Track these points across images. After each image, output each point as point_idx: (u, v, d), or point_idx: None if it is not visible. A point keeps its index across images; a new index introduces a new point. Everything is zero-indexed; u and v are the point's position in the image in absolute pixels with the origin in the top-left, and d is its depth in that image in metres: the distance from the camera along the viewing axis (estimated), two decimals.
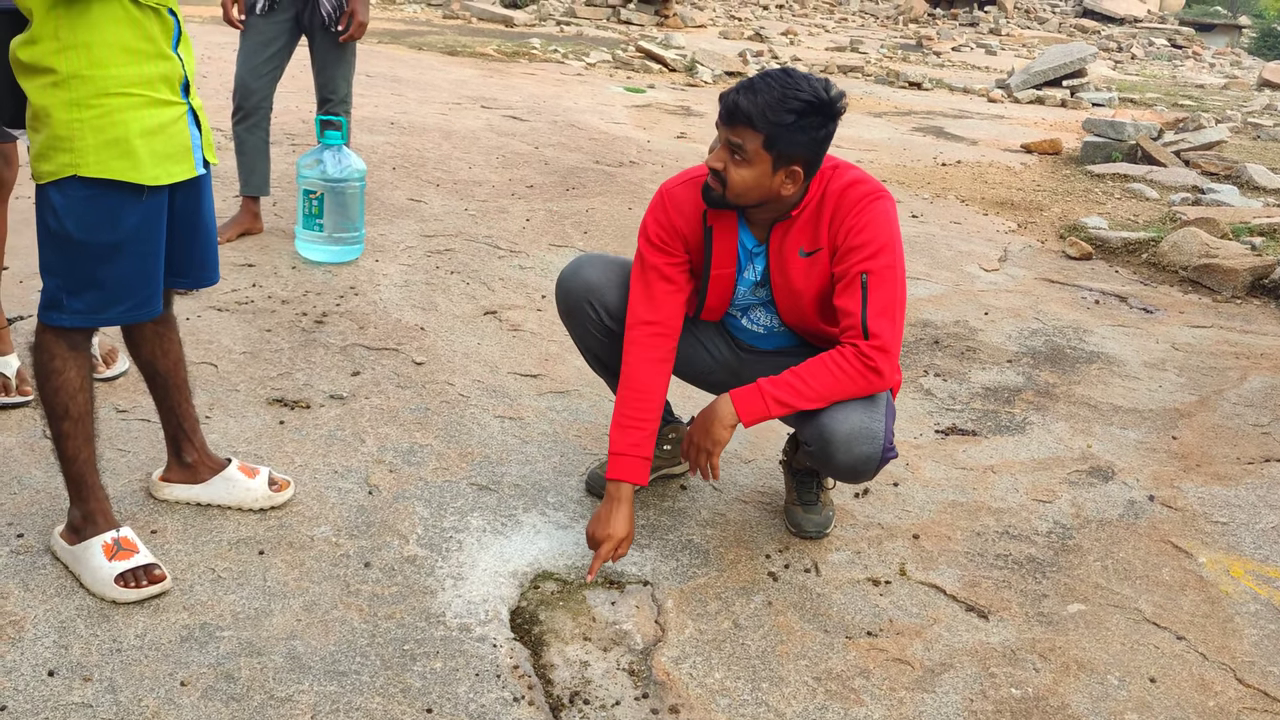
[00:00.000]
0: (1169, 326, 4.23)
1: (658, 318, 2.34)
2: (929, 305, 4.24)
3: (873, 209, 2.21)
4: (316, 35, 4.06)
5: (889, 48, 17.17)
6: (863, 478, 2.33)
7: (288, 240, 4.20)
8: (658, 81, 10.32)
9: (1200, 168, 7.41)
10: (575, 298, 2.45)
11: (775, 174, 2.16)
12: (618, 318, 2.45)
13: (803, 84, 2.12)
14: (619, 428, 2.30)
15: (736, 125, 2.13)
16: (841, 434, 2.21)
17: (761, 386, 2.20)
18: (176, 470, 2.40)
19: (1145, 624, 2.30)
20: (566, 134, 6.93)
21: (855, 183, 2.23)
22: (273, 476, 2.45)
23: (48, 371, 2.05)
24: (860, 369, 2.18)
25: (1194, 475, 2.98)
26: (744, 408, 2.21)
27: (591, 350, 2.54)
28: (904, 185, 6.50)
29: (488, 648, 2.05)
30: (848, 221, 2.21)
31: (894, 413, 2.34)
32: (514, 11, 15.23)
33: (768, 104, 2.09)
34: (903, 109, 10.16)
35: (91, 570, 2.07)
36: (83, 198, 1.93)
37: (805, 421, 2.28)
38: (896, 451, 2.33)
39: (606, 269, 2.47)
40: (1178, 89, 14.35)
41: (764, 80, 2.12)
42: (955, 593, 2.36)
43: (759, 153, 2.12)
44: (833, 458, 2.24)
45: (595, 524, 2.27)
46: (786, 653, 2.12)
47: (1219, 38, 30.11)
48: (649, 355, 2.32)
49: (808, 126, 2.11)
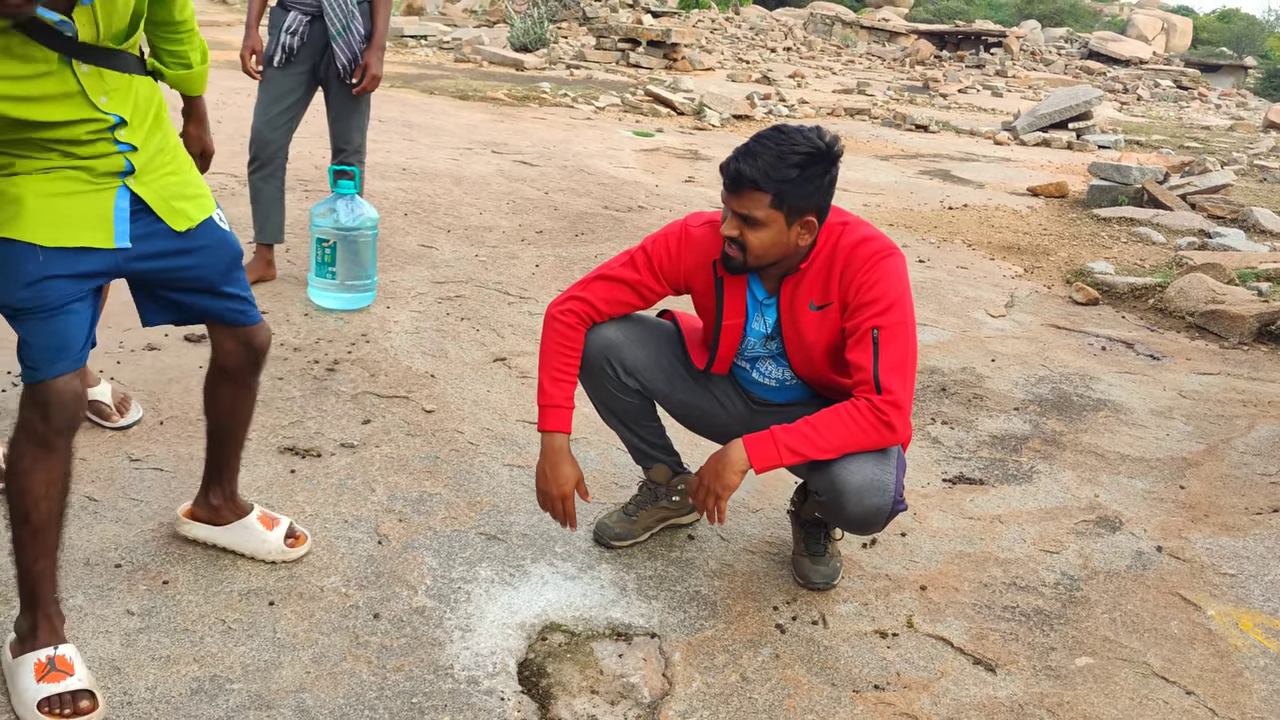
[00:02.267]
0: (1176, 374, 4.24)
1: (602, 312, 2.43)
2: (935, 352, 4.26)
3: (884, 266, 2.24)
4: (332, 86, 4.14)
5: (895, 90, 17.32)
6: (872, 529, 2.34)
7: (300, 287, 4.25)
8: (666, 125, 10.43)
9: (1206, 211, 7.45)
10: (593, 356, 2.47)
11: (790, 229, 2.20)
12: (635, 373, 2.48)
13: (797, 137, 2.16)
14: (553, 381, 2.37)
15: (742, 192, 2.16)
16: (853, 485, 2.22)
17: (775, 434, 2.21)
18: (202, 508, 2.43)
19: (1154, 678, 2.29)
20: (576, 179, 7.00)
21: (867, 239, 2.27)
22: (292, 529, 2.48)
23: (13, 471, 1.91)
24: (874, 422, 2.19)
25: (1202, 525, 2.98)
26: (756, 454, 2.21)
27: (608, 405, 2.56)
28: (910, 229, 6.54)
29: (495, 701, 2.05)
30: (859, 278, 2.24)
31: (904, 466, 2.36)
32: (524, 55, 15.42)
33: (769, 164, 2.13)
34: (909, 152, 10.24)
35: (19, 691, 1.90)
36: None
37: (816, 472, 2.29)
38: (906, 504, 2.34)
39: (624, 327, 2.49)
40: (1184, 131, 14.42)
41: (759, 143, 2.16)
42: (963, 645, 2.36)
43: (771, 213, 2.16)
44: (843, 509, 2.25)
45: (547, 480, 2.37)
46: (794, 707, 2.12)
47: (1225, 79, 30.29)
48: (578, 325, 2.41)
49: (811, 176, 2.15)
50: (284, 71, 4.05)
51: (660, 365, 2.51)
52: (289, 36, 4.01)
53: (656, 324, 2.57)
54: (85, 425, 2.95)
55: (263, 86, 4.10)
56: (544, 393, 2.38)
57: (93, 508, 2.56)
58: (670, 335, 2.55)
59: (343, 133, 4.21)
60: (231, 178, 6.02)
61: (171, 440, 2.94)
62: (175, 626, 2.16)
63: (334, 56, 4.05)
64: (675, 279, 2.39)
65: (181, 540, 2.46)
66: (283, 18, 4.04)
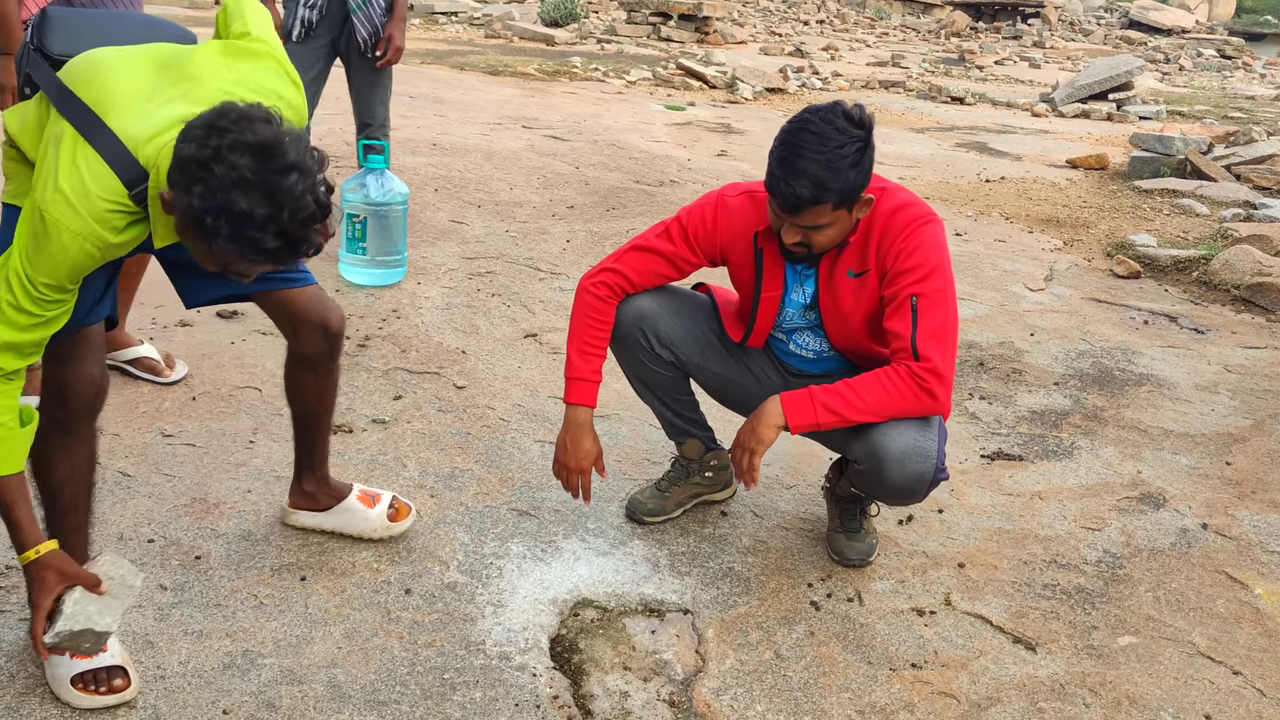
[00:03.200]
0: (1221, 347, 4.14)
1: (635, 284, 2.39)
2: (974, 326, 4.19)
3: (922, 232, 2.18)
4: (353, 60, 4.11)
5: (931, 62, 17.06)
6: (913, 498, 2.29)
7: (330, 263, 4.24)
8: (698, 99, 10.33)
9: (1252, 182, 7.26)
10: (627, 325, 2.43)
11: (853, 213, 2.15)
12: (669, 345, 2.45)
13: (836, 135, 2.04)
14: (581, 355, 2.35)
15: (803, 212, 2.08)
16: (895, 451, 2.18)
17: (813, 392, 2.18)
18: (299, 496, 2.43)
19: (1199, 658, 2.24)
20: (607, 153, 6.95)
21: (904, 205, 2.21)
22: (394, 502, 2.47)
23: (37, 455, 1.86)
24: (914, 388, 2.15)
25: (1249, 503, 2.91)
26: (793, 411, 2.18)
27: (640, 378, 2.53)
28: (947, 203, 6.44)
29: (527, 677, 2.04)
30: (896, 245, 2.18)
31: (945, 435, 2.31)
32: (555, 30, 15.33)
33: (822, 176, 2.02)
34: (945, 124, 10.08)
35: (52, 666, 1.89)
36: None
37: (857, 439, 2.25)
38: (948, 473, 2.29)
39: (658, 297, 2.45)
40: (1227, 101, 14.11)
41: (799, 153, 2.03)
42: (1002, 624, 2.31)
43: (835, 215, 2.10)
44: (884, 476, 2.21)
45: (566, 453, 2.35)
46: (829, 685, 2.09)
47: (1269, 48, 29.59)
48: (610, 298, 2.38)
49: (863, 163, 2.08)
50: (303, 46, 4.00)
51: (695, 337, 2.47)
52: (307, 10, 3.97)
53: (691, 296, 2.53)
54: (122, 396, 2.96)
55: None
56: (571, 365, 2.36)
57: (126, 483, 2.56)
58: (705, 308, 2.51)
59: (367, 107, 4.19)
60: None
61: (204, 416, 2.94)
62: (207, 601, 2.16)
63: (354, 30, 4.01)
64: (711, 250, 2.35)
65: (215, 515, 2.46)
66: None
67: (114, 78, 1.67)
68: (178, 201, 1.54)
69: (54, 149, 1.63)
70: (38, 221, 1.61)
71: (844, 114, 2.08)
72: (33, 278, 1.63)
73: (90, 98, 1.65)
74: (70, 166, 1.60)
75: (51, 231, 1.60)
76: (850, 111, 2.09)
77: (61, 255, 1.61)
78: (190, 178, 1.51)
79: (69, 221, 1.60)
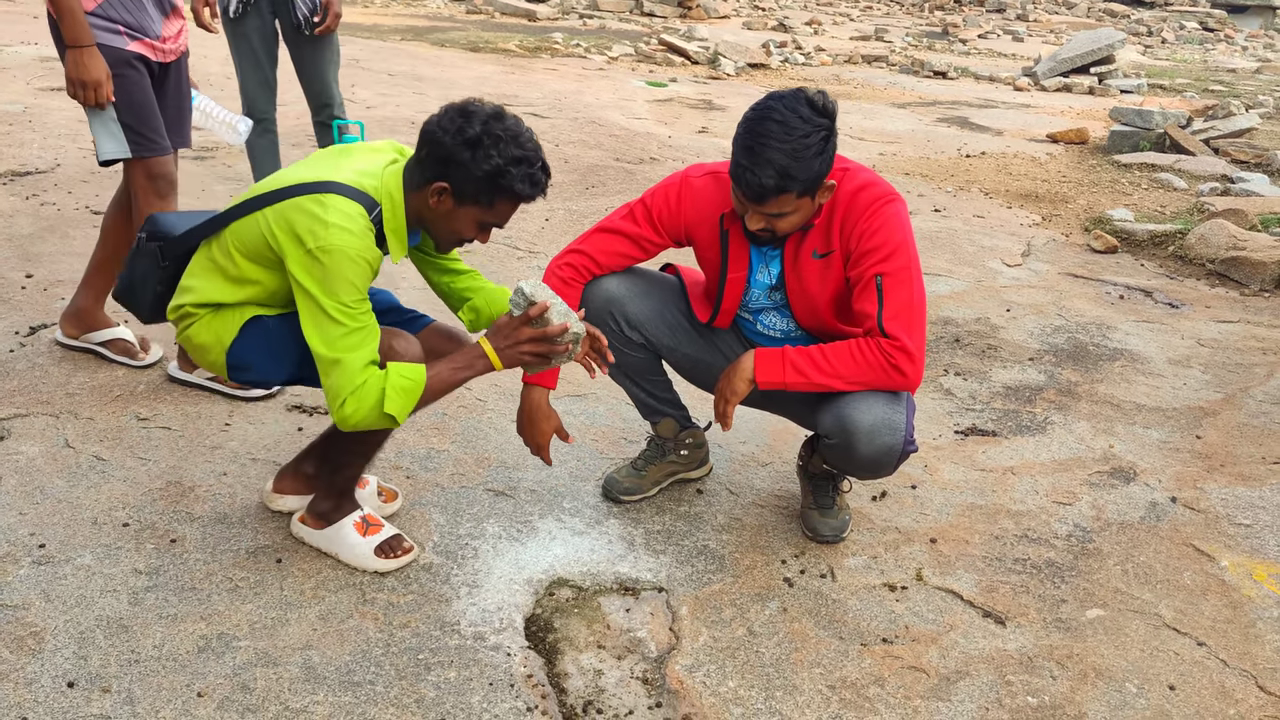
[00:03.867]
0: (1195, 322, 4.17)
1: (602, 265, 2.41)
2: (950, 302, 4.21)
3: (884, 212, 2.19)
4: (298, 41, 3.95)
5: (914, 36, 17.02)
6: (883, 471, 2.32)
7: None
8: (680, 75, 10.29)
9: (1230, 156, 7.29)
10: (596, 309, 2.45)
11: (815, 200, 2.16)
12: (638, 327, 2.46)
13: (800, 124, 2.05)
14: None
15: (768, 201, 2.09)
16: (865, 424, 2.21)
17: (786, 351, 2.24)
18: (289, 480, 2.44)
19: (1165, 630, 2.27)
20: (587, 131, 6.93)
21: (866, 185, 2.22)
22: (380, 486, 2.51)
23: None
24: (883, 362, 2.18)
25: (1217, 476, 2.94)
26: (764, 366, 2.25)
27: (614, 361, 2.54)
28: (927, 178, 6.45)
29: (502, 656, 2.06)
30: (860, 225, 2.20)
31: (914, 407, 2.34)
32: (537, 5, 15.22)
33: (787, 165, 2.04)
34: (927, 99, 10.08)
35: (350, 546, 2.28)
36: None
37: (827, 413, 2.28)
38: (916, 445, 2.32)
39: (626, 280, 2.46)
40: (1209, 74, 14.13)
41: (763, 141, 2.04)
42: (972, 598, 2.34)
43: (800, 202, 2.12)
44: (854, 449, 2.24)
45: (523, 431, 2.37)
46: (801, 660, 2.11)
47: (1252, 19, 29.62)
48: (575, 280, 2.40)
49: (827, 152, 2.09)
50: (244, 26, 3.89)
51: (664, 318, 2.48)
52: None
53: (660, 278, 2.53)
54: (96, 380, 2.95)
55: (234, 48, 3.96)
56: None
57: (100, 467, 2.56)
58: (674, 289, 2.52)
59: (323, 88, 4.05)
60: None
61: (179, 399, 2.94)
62: (182, 585, 2.17)
63: (294, 7, 3.89)
64: (675, 231, 2.36)
65: (190, 499, 2.47)
66: None
67: (299, 167, 2.12)
68: (470, 174, 1.97)
69: (293, 216, 1.99)
70: (317, 265, 1.97)
71: (808, 101, 2.08)
72: (343, 300, 1.98)
73: (299, 177, 2.06)
74: (325, 211, 1.98)
75: (337, 259, 1.96)
76: (814, 99, 2.09)
77: (351, 271, 1.98)
78: (478, 147, 1.96)
79: (349, 243, 1.97)
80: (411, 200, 2.08)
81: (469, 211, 2.05)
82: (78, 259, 3.78)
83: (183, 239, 2.19)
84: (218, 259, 2.13)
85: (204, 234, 2.16)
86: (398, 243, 2.10)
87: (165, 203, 2.91)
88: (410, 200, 2.08)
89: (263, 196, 2.07)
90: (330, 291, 1.97)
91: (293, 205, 2.01)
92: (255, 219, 2.07)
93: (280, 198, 2.04)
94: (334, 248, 1.96)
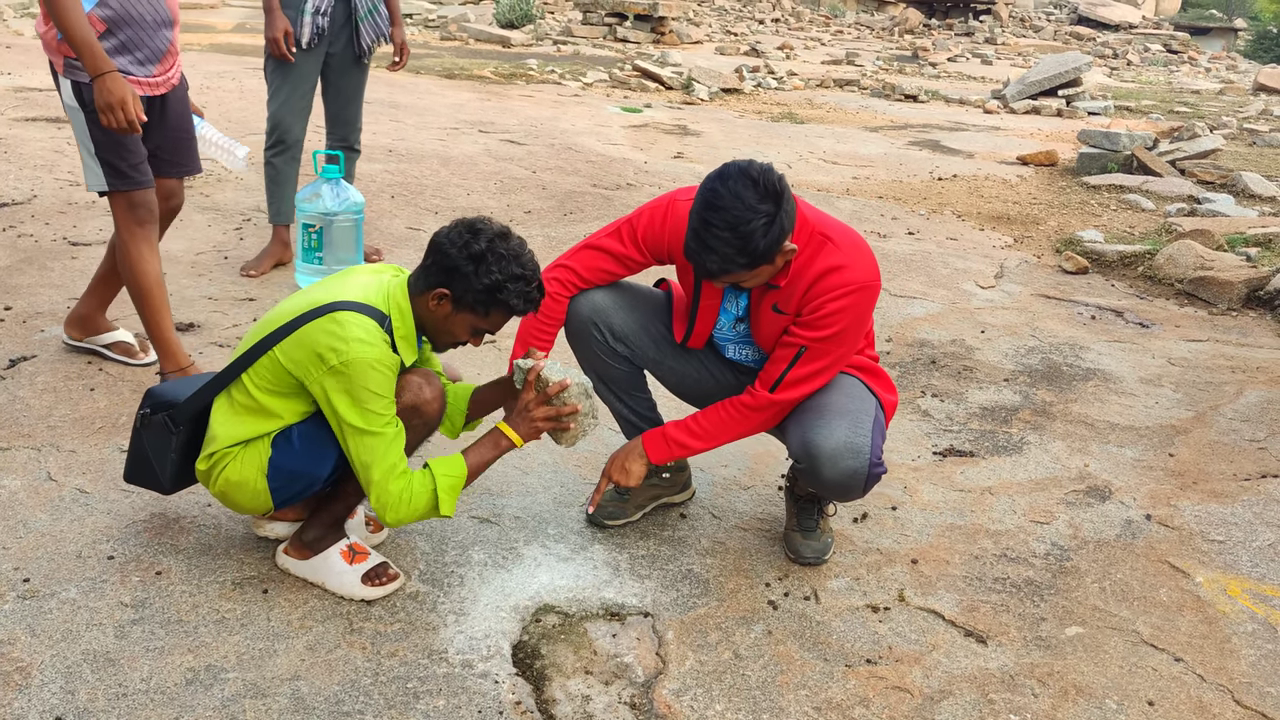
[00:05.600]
0: (1165, 341, 4.25)
1: (586, 280, 2.50)
2: (925, 324, 4.27)
3: (844, 300, 2.26)
4: (346, 68, 4.16)
5: (885, 60, 17.23)
6: (852, 494, 2.36)
7: (287, 273, 4.23)
8: (654, 100, 10.37)
9: (1196, 177, 7.44)
10: (581, 320, 2.52)
11: (776, 262, 2.21)
12: (623, 339, 2.53)
13: (744, 210, 2.08)
14: (524, 345, 2.50)
15: (718, 279, 2.21)
16: (827, 450, 2.26)
17: (666, 429, 2.45)
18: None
19: (1143, 646, 2.31)
20: (564, 157, 6.97)
21: (839, 268, 2.25)
22: (367, 515, 2.53)
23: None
24: (744, 412, 2.38)
25: (1191, 493, 3.00)
26: (651, 448, 2.46)
27: (596, 370, 2.59)
28: (900, 201, 6.53)
29: (490, 684, 2.07)
30: (815, 303, 2.28)
31: (883, 430, 2.40)
32: (511, 32, 15.30)
33: (734, 252, 2.10)
34: (899, 123, 10.21)
35: (337, 574, 2.30)
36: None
37: (793, 435, 2.36)
38: (885, 467, 2.37)
39: (613, 293, 2.53)
40: (1173, 95, 14.39)
41: (711, 231, 2.10)
42: (954, 618, 2.37)
43: (755, 271, 2.19)
44: (819, 472, 2.30)
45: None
46: (787, 683, 2.13)
47: (1215, 41, 30.18)
48: (560, 294, 2.50)
49: (773, 231, 2.12)
50: (309, 55, 4.05)
51: (648, 332, 2.54)
52: (319, 18, 4.00)
53: (647, 292, 2.59)
54: (78, 412, 2.95)
55: (282, 70, 4.06)
56: (514, 353, 2.51)
57: (84, 500, 2.56)
58: (660, 304, 2.59)
59: (353, 114, 4.29)
60: (217, 163, 5.98)
61: None
62: (169, 617, 2.17)
63: (359, 37, 4.08)
64: (659, 251, 2.43)
65: (174, 530, 2.46)
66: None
67: (299, 297, 2.21)
68: (470, 285, 2.12)
69: (313, 338, 2.10)
70: (343, 380, 2.08)
71: (753, 182, 2.10)
72: (373, 409, 2.10)
73: (306, 304, 2.16)
74: (342, 328, 2.09)
75: (360, 370, 2.07)
76: (760, 178, 2.11)
77: (375, 380, 2.09)
78: (481, 262, 2.11)
79: (370, 354, 2.08)
80: (415, 305, 2.21)
81: (465, 318, 2.19)
82: (57, 290, 3.77)
83: (193, 402, 2.27)
84: (238, 400, 2.22)
85: (217, 389, 2.25)
86: (409, 348, 2.23)
87: (144, 229, 2.99)
88: (414, 305, 2.21)
89: (270, 336, 2.17)
90: (359, 402, 2.09)
91: (309, 329, 2.12)
92: (270, 355, 2.17)
93: (292, 329, 2.15)
94: (356, 359, 2.07)
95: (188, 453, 2.32)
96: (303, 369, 2.12)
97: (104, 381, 3.18)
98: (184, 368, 3.07)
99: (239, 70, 9.08)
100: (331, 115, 4.28)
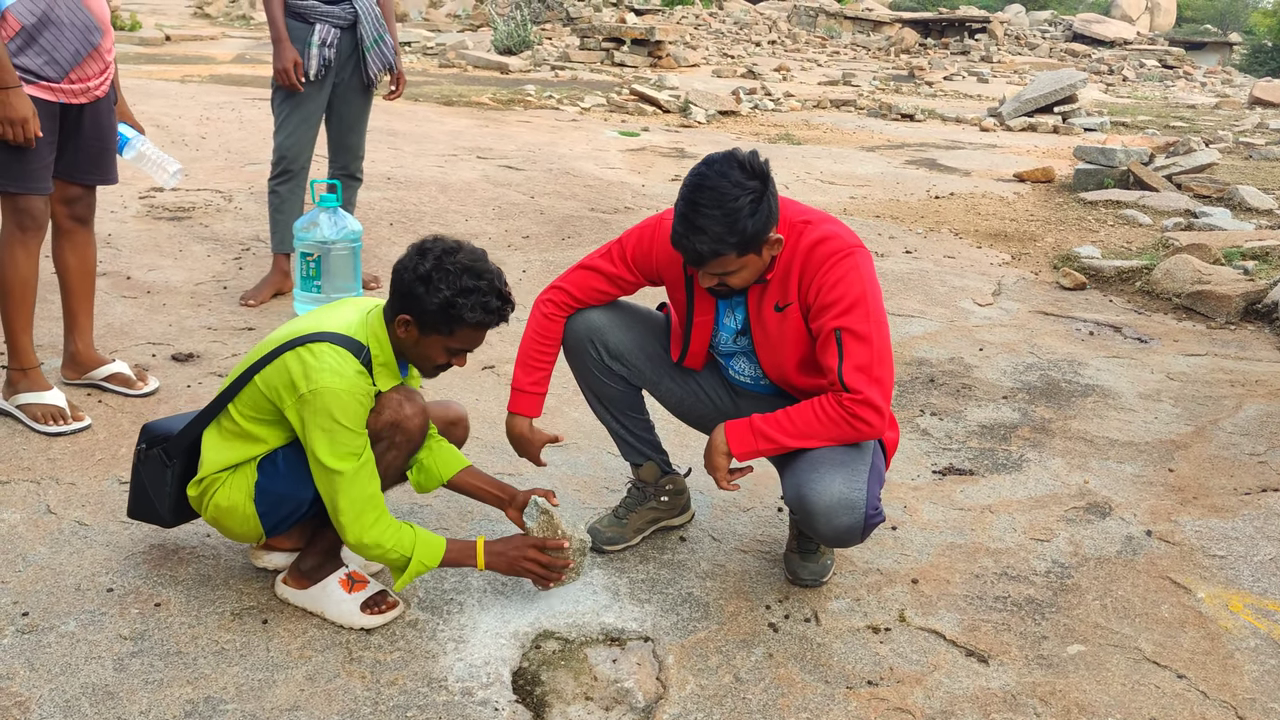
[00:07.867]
0: (1163, 356, 4.25)
1: (581, 301, 2.53)
2: (924, 343, 4.27)
3: (843, 265, 2.24)
4: (350, 97, 4.22)
5: (881, 80, 17.32)
6: (849, 544, 2.36)
7: (286, 302, 4.25)
8: (652, 124, 10.43)
9: (1192, 191, 7.46)
10: (578, 338, 2.54)
11: (763, 254, 2.22)
12: (619, 358, 2.54)
13: (731, 187, 2.11)
14: (524, 367, 2.53)
15: (706, 264, 2.18)
16: (822, 506, 2.24)
17: (753, 421, 2.30)
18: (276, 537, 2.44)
19: (1146, 663, 2.30)
20: (562, 182, 7.01)
21: (826, 239, 2.26)
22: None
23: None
24: (843, 415, 2.23)
25: (1191, 508, 2.99)
26: (734, 439, 2.32)
27: (592, 389, 2.60)
28: (897, 220, 6.55)
29: (490, 711, 2.06)
30: (818, 280, 2.25)
31: (881, 476, 2.37)
32: (509, 58, 15.41)
33: (723, 230, 2.11)
34: (895, 142, 10.25)
35: (336, 602, 2.29)
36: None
37: (788, 484, 2.33)
38: (884, 515, 2.35)
39: (610, 312, 2.55)
40: (1169, 110, 14.45)
41: (698, 210, 2.12)
42: (955, 638, 2.37)
43: (743, 260, 2.18)
44: (814, 527, 2.30)
45: (517, 451, 2.61)
46: (788, 706, 2.13)
47: (1210, 56, 30.33)
48: (555, 314, 2.53)
49: (761, 211, 2.14)
50: (317, 87, 4.10)
51: (645, 351, 2.55)
52: (326, 49, 4.05)
53: (646, 313, 2.61)
54: (77, 445, 2.95)
55: (291, 101, 4.11)
56: (515, 377, 2.54)
57: (83, 532, 2.56)
58: (659, 325, 2.60)
59: (356, 143, 4.35)
60: (217, 193, 6.02)
61: None
62: (168, 649, 2.17)
63: (365, 67, 4.14)
64: (648, 271, 2.45)
65: (173, 561, 2.46)
66: (305, 31, 4.03)
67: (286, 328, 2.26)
68: (425, 307, 2.13)
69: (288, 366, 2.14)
70: (309, 407, 2.10)
71: (739, 164, 2.14)
72: (340, 440, 2.11)
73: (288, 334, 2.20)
74: (315, 358, 2.13)
75: (328, 400, 2.10)
76: (745, 161, 2.15)
77: (342, 410, 2.11)
78: (429, 282, 2.12)
79: (338, 384, 2.11)
80: (390, 333, 2.25)
81: (433, 340, 2.21)
82: (55, 323, 3.78)
83: (186, 433, 2.31)
84: (226, 427, 2.26)
85: (207, 420, 2.29)
86: (389, 375, 2.26)
87: (24, 235, 2.99)
88: (390, 333, 2.25)
89: (254, 365, 2.21)
90: (326, 431, 2.11)
91: (286, 358, 2.16)
92: (252, 384, 2.21)
93: (272, 358, 2.18)
94: (323, 388, 2.10)
95: (185, 485, 2.33)
96: (278, 396, 2.16)
97: (103, 413, 3.19)
98: (25, 369, 3.08)
99: (239, 101, 9.14)
100: (334, 144, 4.32)
